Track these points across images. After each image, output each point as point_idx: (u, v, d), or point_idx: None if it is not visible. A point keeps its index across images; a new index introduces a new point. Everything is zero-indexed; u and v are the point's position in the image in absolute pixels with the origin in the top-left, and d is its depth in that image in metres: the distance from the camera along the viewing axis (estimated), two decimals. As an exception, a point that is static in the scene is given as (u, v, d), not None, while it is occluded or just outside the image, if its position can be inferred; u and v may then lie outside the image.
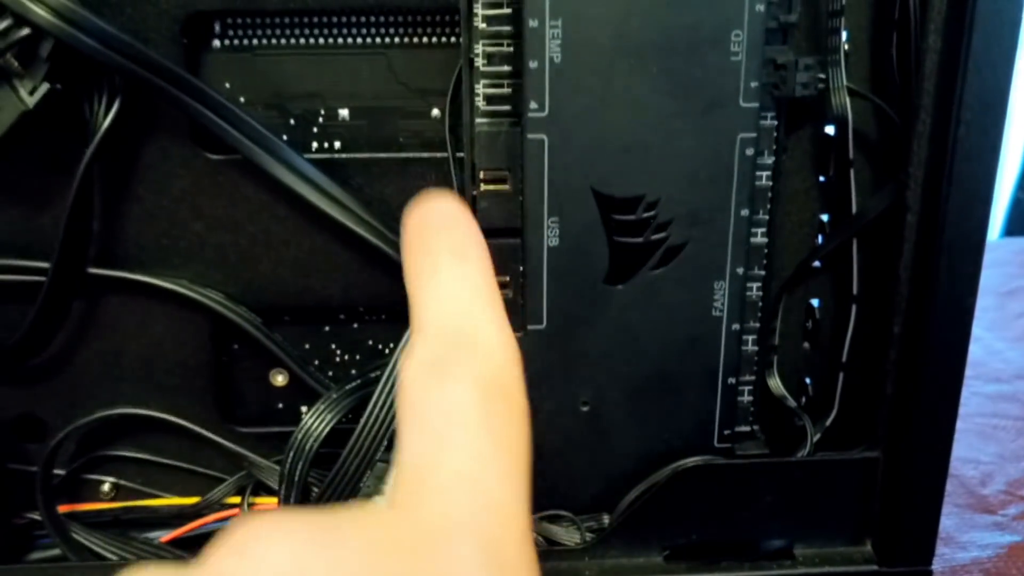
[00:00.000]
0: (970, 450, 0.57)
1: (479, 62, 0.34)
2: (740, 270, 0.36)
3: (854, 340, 0.39)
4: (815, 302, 0.40)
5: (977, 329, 0.72)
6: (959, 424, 0.37)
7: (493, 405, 0.26)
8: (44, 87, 0.33)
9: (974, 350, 0.71)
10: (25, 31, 0.32)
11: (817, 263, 0.39)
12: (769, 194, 0.36)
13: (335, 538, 0.22)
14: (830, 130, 0.38)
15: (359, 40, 0.37)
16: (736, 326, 0.37)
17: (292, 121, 0.38)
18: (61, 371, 0.39)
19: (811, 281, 0.40)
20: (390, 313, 0.40)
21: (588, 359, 0.36)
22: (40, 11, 0.32)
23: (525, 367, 0.27)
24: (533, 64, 0.33)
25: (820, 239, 0.39)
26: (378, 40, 0.37)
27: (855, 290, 0.39)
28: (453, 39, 0.37)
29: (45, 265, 0.36)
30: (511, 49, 0.34)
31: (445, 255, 0.30)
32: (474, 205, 0.35)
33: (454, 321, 0.28)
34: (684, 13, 0.33)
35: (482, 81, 0.34)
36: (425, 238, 0.31)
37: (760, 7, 0.33)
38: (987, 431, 0.59)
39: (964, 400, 0.37)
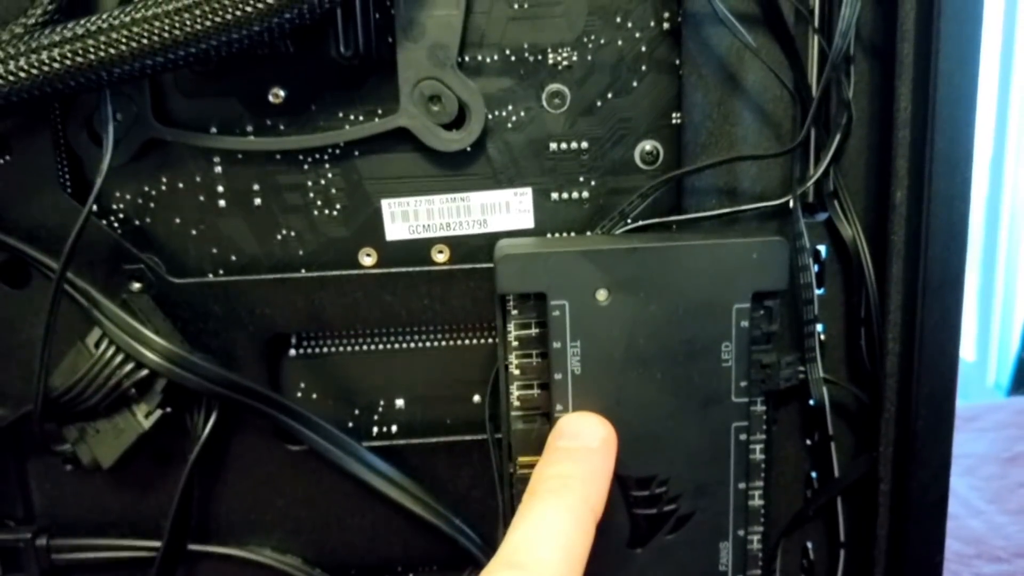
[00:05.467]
0: (971, 636, 0.61)
1: (513, 369, 0.41)
2: (741, 532, 0.42)
3: (846, 576, 0.45)
4: (809, 544, 0.46)
5: (980, 502, 0.78)
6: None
7: None
8: (157, 412, 0.40)
9: (976, 525, 0.76)
10: (144, 372, 0.39)
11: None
12: (763, 465, 0.42)
13: None
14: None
15: (412, 345, 0.44)
16: (740, 577, 0.43)
17: (356, 411, 0.44)
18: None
19: (805, 526, 0.46)
20: (441, 566, 0.46)
21: (614, 611, 0.42)
22: (154, 357, 0.39)
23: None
24: (558, 376, 0.40)
25: (810, 493, 0.45)
26: (428, 344, 0.44)
27: (842, 537, 0.44)
28: (491, 340, 0.44)
29: (151, 543, 0.43)
30: (539, 360, 0.40)
31: (546, 486, 0.36)
32: (511, 485, 0.42)
33: (517, 549, 0.33)
34: (682, 331, 0.39)
35: (516, 383, 0.41)
36: (543, 464, 0.37)
37: (745, 323, 0.40)
38: (988, 616, 0.63)
39: (965, 583, 0.43)
